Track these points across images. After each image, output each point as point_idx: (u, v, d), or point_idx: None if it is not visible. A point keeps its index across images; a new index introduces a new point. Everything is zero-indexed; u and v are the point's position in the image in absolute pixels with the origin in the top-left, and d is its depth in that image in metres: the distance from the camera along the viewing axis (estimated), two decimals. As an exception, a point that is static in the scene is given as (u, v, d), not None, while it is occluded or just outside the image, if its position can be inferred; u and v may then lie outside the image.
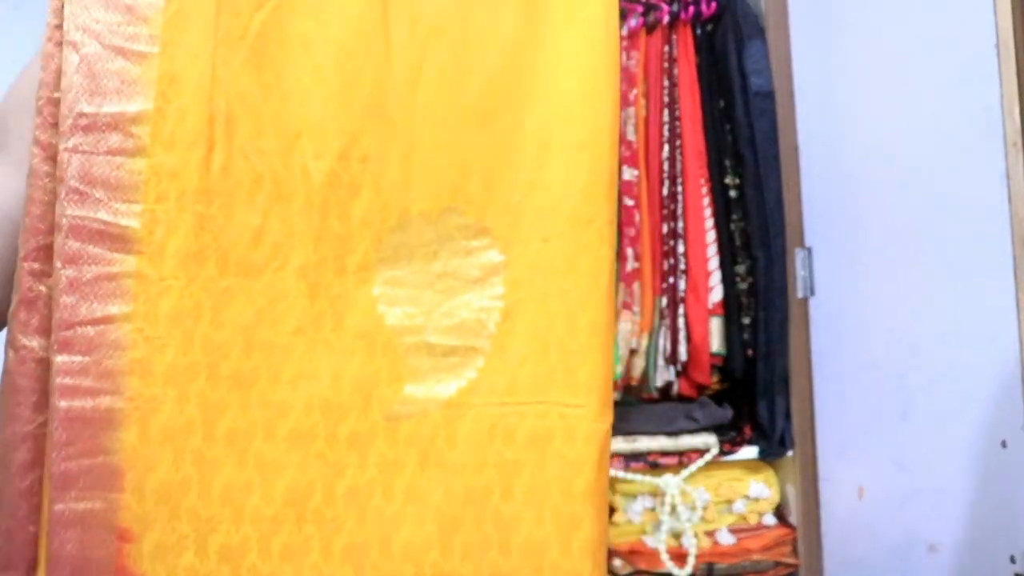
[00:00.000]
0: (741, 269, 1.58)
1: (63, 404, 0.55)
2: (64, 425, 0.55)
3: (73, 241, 0.54)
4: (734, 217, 1.59)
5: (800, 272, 1.55)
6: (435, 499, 0.60)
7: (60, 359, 0.55)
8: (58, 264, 0.54)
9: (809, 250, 1.55)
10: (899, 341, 1.30)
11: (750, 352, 1.57)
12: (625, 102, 1.57)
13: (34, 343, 0.56)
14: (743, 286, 1.58)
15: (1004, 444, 1.08)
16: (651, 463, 1.54)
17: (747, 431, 1.59)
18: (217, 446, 0.57)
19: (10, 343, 0.56)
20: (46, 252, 0.55)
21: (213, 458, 0.57)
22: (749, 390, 1.59)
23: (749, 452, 1.57)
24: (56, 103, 0.54)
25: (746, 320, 1.58)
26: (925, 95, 1.24)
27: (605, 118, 0.64)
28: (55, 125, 0.54)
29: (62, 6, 0.54)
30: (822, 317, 1.53)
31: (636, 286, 1.54)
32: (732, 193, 1.59)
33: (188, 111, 0.55)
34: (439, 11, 0.61)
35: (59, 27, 0.54)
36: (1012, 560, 1.06)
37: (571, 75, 0.63)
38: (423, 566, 0.61)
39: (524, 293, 0.63)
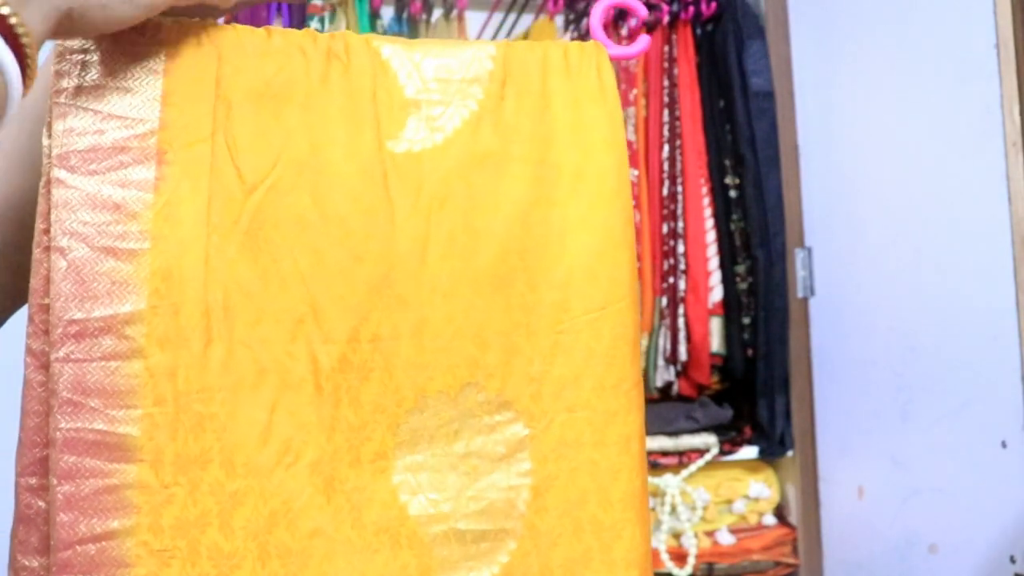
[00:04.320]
0: (741, 269, 1.58)
1: None
2: None
3: (68, 455, 0.50)
4: (734, 217, 1.59)
5: (800, 272, 1.55)
6: None
7: None
8: (54, 481, 0.50)
9: (809, 250, 1.55)
10: (899, 341, 1.30)
11: (750, 352, 1.57)
12: (625, 102, 1.57)
13: (34, 563, 0.52)
14: (743, 286, 1.58)
15: (1004, 444, 1.08)
16: (651, 463, 1.54)
17: (747, 431, 1.59)
18: None
19: (10, 565, 0.52)
20: (43, 466, 0.51)
21: None
22: (749, 390, 1.59)
23: (749, 452, 1.57)
24: (46, 310, 0.51)
25: (746, 320, 1.58)
26: (925, 95, 1.23)
27: (624, 273, 0.61)
28: (47, 332, 0.51)
29: (48, 211, 0.51)
30: (822, 317, 1.53)
31: (636, 286, 1.54)
32: (732, 193, 1.59)
33: (182, 305, 0.52)
34: (444, 178, 0.58)
35: (47, 231, 0.51)
36: (1012, 560, 1.06)
37: (586, 231, 0.60)
38: None
39: (553, 468, 0.59)
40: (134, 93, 0.54)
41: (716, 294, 1.58)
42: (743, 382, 1.60)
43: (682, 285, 1.56)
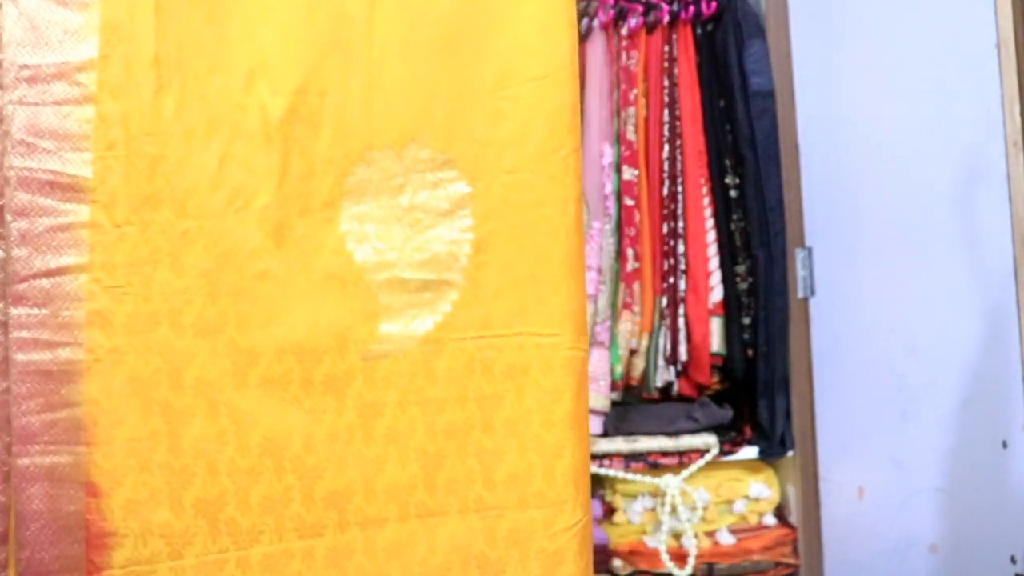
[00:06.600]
0: (741, 269, 1.58)
1: (21, 357, 0.54)
2: (23, 378, 0.54)
3: (22, 193, 0.53)
4: (734, 217, 1.58)
5: (800, 272, 1.55)
6: (417, 438, 0.61)
7: (16, 312, 0.54)
8: (8, 217, 0.53)
9: (809, 250, 1.55)
10: (899, 341, 1.30)
11: (750, 352, 1.57)
12: (625, 102, 1.56)
13: None
14: (743, 286, 1.58)
15: (1004, 444, 1.08)
16: (651, 463, 1.54)
17: (747, 431, 1.59)
18: (185, 396, 0.56)
19: None
20: (1, 211, 0.54)
21: (182, 409, 0.56)
22: (749, 390, 1.59)
23: (749, 452, 1.57)
24: None
25: (746, 320, 1.58)
26: (925, 95, 1.23)
27: (564, 48, 0.64)
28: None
29: None
30: (822, 317, 1.53)
31: (636, 286, 1.54)
32: (732, 193, 1.59)
33: (133, 56, 0.55)
34: None
35: None
36: (1012, 560, 1.06)
37: (528, 8, 0.64)
38: (408, 506, 0.61)
39: (494, 225, 0.63)
40: None
41: (716, 294, 1.57)
42: (743, 382, 1.60)
43: (682, 285, 1.56)
